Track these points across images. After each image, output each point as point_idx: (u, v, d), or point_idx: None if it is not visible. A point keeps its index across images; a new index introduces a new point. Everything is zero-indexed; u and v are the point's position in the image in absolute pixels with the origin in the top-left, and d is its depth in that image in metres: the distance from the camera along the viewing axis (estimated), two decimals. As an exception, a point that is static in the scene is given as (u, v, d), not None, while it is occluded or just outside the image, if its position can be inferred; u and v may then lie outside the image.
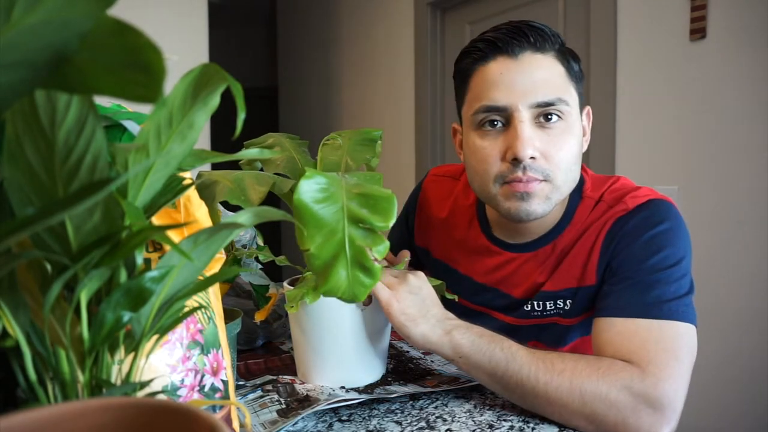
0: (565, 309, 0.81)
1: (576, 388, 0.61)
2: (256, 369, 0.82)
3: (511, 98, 0.73)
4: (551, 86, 0.73)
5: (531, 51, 0.74)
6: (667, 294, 0.68)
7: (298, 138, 0.80)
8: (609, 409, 0.60)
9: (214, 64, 0.32)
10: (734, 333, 1.50)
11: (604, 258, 0.76)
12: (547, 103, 0.73)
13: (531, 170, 0.73)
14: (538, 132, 0.73)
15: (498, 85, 0.74)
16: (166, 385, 0.41)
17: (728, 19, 1.48)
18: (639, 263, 0.71)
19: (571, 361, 0.63)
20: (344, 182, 0.58)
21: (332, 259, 0.53)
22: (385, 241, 0.54)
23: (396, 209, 0.55)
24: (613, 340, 0.67)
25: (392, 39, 2.67)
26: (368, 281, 0.54)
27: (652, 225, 0.73)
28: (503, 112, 0.74)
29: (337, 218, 0.54)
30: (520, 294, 0.84)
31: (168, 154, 0.32)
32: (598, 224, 0.78)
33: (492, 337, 0.67)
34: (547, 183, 0.74)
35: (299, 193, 0.53)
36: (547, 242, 0.82)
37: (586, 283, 0.78)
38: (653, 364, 0.62)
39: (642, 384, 0.61)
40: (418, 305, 0.68)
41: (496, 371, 0.64)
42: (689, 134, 1.58)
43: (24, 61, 0.24)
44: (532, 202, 0.74)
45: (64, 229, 0.30)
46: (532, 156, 0.72)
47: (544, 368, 0.63)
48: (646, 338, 0.65)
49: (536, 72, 0.73)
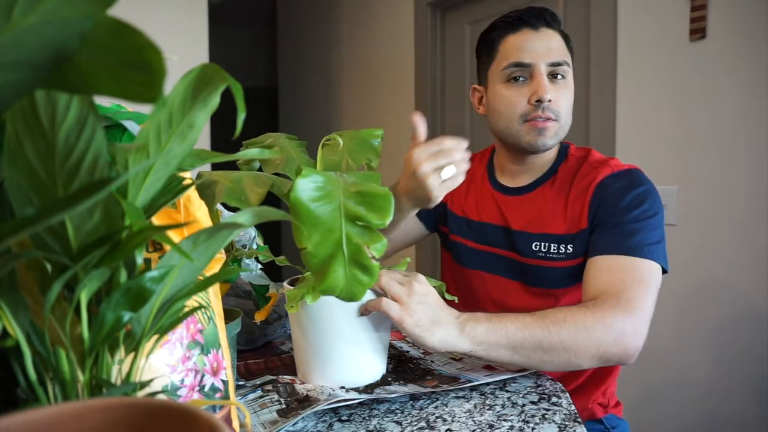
0: (567, 252, 0.98)
1: (580, 327, 0.76)
2: (256, 369, 0.82)
3: (534, 58, 0.97)
4: (560, 52, 0.98)
5: (546, 27, 0.99)
6: (646, 239, 0.87)
7: (296, 138, 0.80)
8: (605, 333, 0.77)
9: (214, 64, 0.32)
10: (734, 333, 1.50)
11: (594, 206, 0.95)
12: (557, 63, 0.97)
13: (548, 110, 0.96)
14: (550, 84, 0.97)
15: (524, 48, 0.98)
16: (166, 385, 0.41)
17: (728, 19, 1.48)
18: (624, 214, 0.90)
19: (567, 311, 0.78)
20: (341, 180, 0.58)
21: (329, 257, 0.53)
22: (383, 238, 0.54)
23: (393, 207, 0.55)
24: (597, 276, 0.86)
25: (392, 39, 2.67)
26: (366, 279, 0.54)
27: (634, 186, 0.94)
28: (527, 68, 0.97)
29: (334, 216, 0.54)
30: (518, 227, 1.04)
31: (168, 154, 0.32)
32: (587, 180, 0.98)
33: (499, 317, 0.76)
34: (556, 122, 0.98)
35: (296, 192, 0.53)
36: (535, 188, 1.05)
37: (581, 227, 0.96)
38: (626, 292, 0.81)
39: (618, 309, 0.79)
40: (429, 314, 0.72)
41: (515, 342, 0.74)
42: (689, 134, 1.58)
43: (24, 60, 0.24)
44: (546, 136, 0.98)
45: (64, 229, 0.30)
46: (549, 99, 0.95)
47: (552, 323, 0.76)
48: (625, 272, 0.84)
49: (551, 41, 0.98)
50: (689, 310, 1.58)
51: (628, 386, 1.60)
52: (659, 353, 1.61)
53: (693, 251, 1.57)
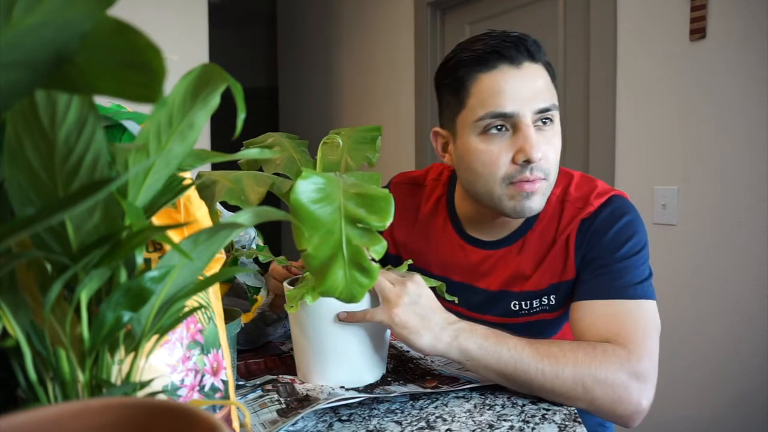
0: (551, 304, 0.88)
1: (578, 378, 0.68)
2: (256, 369, 0.82)
3: (518, 105, 0.79)
4: (548, 93, 0.81)
5: (529, 61, 0.80)
6: (636, 277, 0.79)
7: (297, 138, 0.80)
8: (606, 391, 0.68)
9: (214, 64, 0.32)
10: (734, 333, 1.50)
11: (579, 252, 0.84)
12: (545, 109, 0.80)
13: (537, 170, 0.80)
14: (538, 135, 0.80)
15: (505, 92, 0.79)
16: (166, 385, 0.41)
17: (728, 19, 1.48)
18: (611, 253, 0.81)
19: (570, 352, 0.70)
20: (341, 182, 0.58)
21: (329, 259, 0.53)
22: (382, 240, 0.54)
23: (393, 209, 0.55)
24: (595, 323, 0.76)
25: (392, 39, 2.67)
26: (366, 281, 0.54)
27: (617, 218, 0.83)
28: (510, 118, 0.79)
29: (334, 218, 0.54)
30: (496, 287, 0.91)
31: (168, 154, 0.32)
32: (568, 222, 0.86)
33: (497, 337, 0.70)
34: (545, 181, 0.82)
35: (296, 193, 0.53)
36: (517, 239, 0.90)
37: (566, 277, 0.86)
38: (634, 343, 0.71)
39: (629, 363, 0.69)
40: (419, 315, 0.69)
41: (505, 371, 0.69)
42: (689, 134, 1.58)
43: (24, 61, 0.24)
44: (534, 200, 0.82)
45: (65, 229, 0.30)
46: (540, 157, 0.79)
47: (549, 363, 0.68)
48: (624, 319, 0.75)
49: (536, 80, 0.80)
50: (689, 310, 1.58)
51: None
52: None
53: (693, 251, 1.57)
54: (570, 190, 0.88)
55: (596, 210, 0.84)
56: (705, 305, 1.56)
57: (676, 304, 1.59)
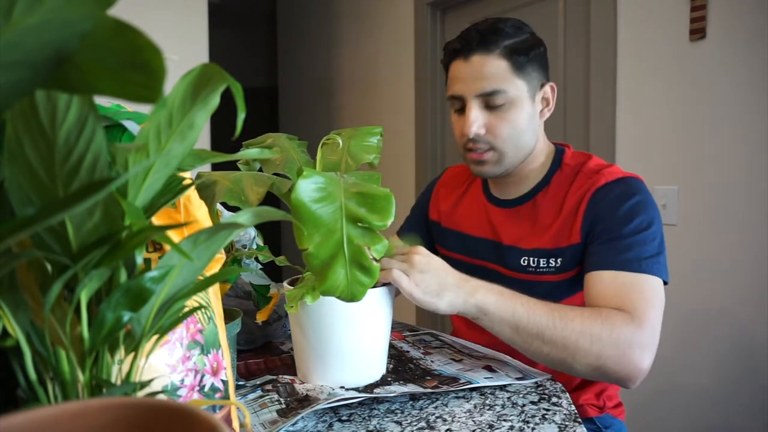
0: (556, 266, 0.96)
1: (586, 332, 0.75)
2: (256, 369, 0.82)
3: (464, 89, 0.96)
4: (494, 79, 0.94)
5: (478, 54, 0.95)
6: (644, 253, 0.86)
7: (296, 138, 0.80)
8: (611, 347, 0.75)
9: (214, 64, 0.32)
10: (734, 333, 1.50)
11: (587, 220, 0.93)
12: (490, 92, 0.94)
13: (480, 141, 0.97)
14: (485, 113, 0.96)
15: (457, 79, 0.98)
16: (166, 385, 0.41)
17: (728, 20, 1.48)
18: (621, 227, 0.88)
19: (578, 311, 0.78)
20: (342, 181, 0.58)
21: (330, 258, 0.53)
22: (383, 240, 0.54)
23: (394, 208, 0.55)
24: (604, 292, 0.84)
25: (392, 39, 2.67)
26: (367, 280, 0.54)
27: (628, 197, 0.91)
28: (460, 99, 0.98)
29: (336, 217, 0.54)
30: (508, 241, 1.02)
31: (168, 154, 0.32)
32: (581, 191, 0.95)
33: (512, 294, 0.78)
34: (493, 151, 0.97)
35: (297, 193, 0.53)
36: (528, 200, 1.03)
37: (572, 241, 0.94)
38: (638, 311, 0.79)
39: (632, 325, 0.77)
40: (435, 280, 0.75)
41: (519, 323, 0.76)
42: (689, 134, 1.58)
43: (24, 61, 0.24)
44: (485, 167, 0.99)
45: (64, 229, 0.30)
46: (476, 132, 0.95)
47: (559, 317, 0.76)
48: (630, 290, 0.82)
49: (481, 69, 0.95)
50: (689, 310, 1.58)
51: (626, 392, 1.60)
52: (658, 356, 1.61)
53: (693, 251, 1.57)
54: (588, 164, 0.99)
55: (612, 182, 0.93)
56: (705, 305, 1.56)
57: (676, 304, 1.59)
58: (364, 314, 0.71)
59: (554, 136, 1.44)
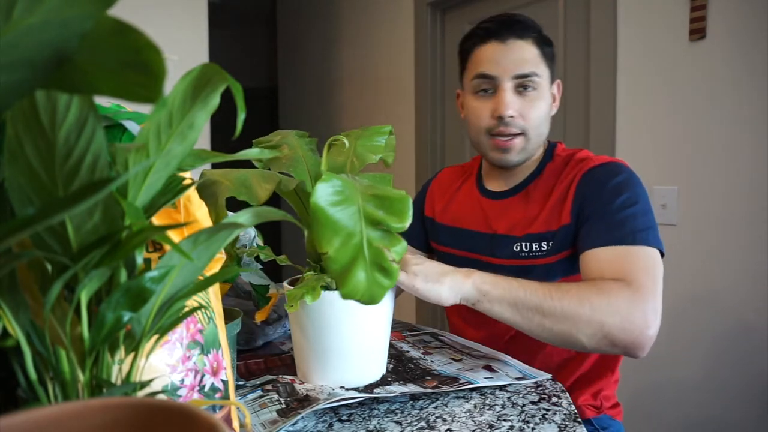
0: (548, 249, 0.98)
1: (584, 300, 0.76)
2: (256, 369, 0.82)
3: (499, 71, 0.98)
4: (530, 62, 0.98)
5: (515, 38, 0.98)
6: (636, 226, 0.87)
7: (307, 135, 0.80)
8: (612, 315, 0.76)
9: (214, 64, 0.32)
10: (734, 333, 1.50)
11: (577, 201, 0.95)
12: (525, 75, 0.97)
13: (512, 125, 0.98)
14: (517, 97, 0.98)
15: (491, 60, 0.99)
16: (166, 385, 0.41)
17: (728, 20, 1.48)
18: (609, 203, 0.90)
19: (575, 284, 0.80)
20: (358, 184, 0.57)
21: (351, 261, 0.53)
22: (402, 241, 0.54)
23: (411, 210, 0.55)
24: (600, 267, 0.85)
25: (392, 39, 2.67)
26: (386, 282, 0.54)
27: (614, 175, 0.94)
28: (492, 80, 0.99)
29: (355, 221, 0.54)
30: (503, 231, 1.04)
31: (168, 154, 0.32)
32: (570, 176, 0.98)
33: (506, 276, 0.80)
34: (523, 136, 0.99)
35: (316, 198, 0.53)
36: (520, 190, 1.06)
37: (563, 222, 0.97)
38: (637, 281, 0.80)
39: (628, 291, 0.78)
40: (431, 270, 0.78)
41: (517, 299, 0.77)
42: (689, 134, 1.58)
43: (24, 61, 0.24)
44: (510, 154, 1.00)
45: (65, 229, 0.30)
46: (511, 114, 0.97)
47: (555, 289, 0.78)
48: (626, 260, 0.83)
49: (519, 53, 0.98)
50: (688, 309, 1.58)
51: (623, 388, 1.60)
52: (656, 354, 1.61)
53: (693, 251, 1.57)
54: (577, 155, 1.03)
55: (598, 166, 0.97)
56: (705, 305, 1.56)
57: (675, 304, 1.59)
58: (364, 314, 0.71)
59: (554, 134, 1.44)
